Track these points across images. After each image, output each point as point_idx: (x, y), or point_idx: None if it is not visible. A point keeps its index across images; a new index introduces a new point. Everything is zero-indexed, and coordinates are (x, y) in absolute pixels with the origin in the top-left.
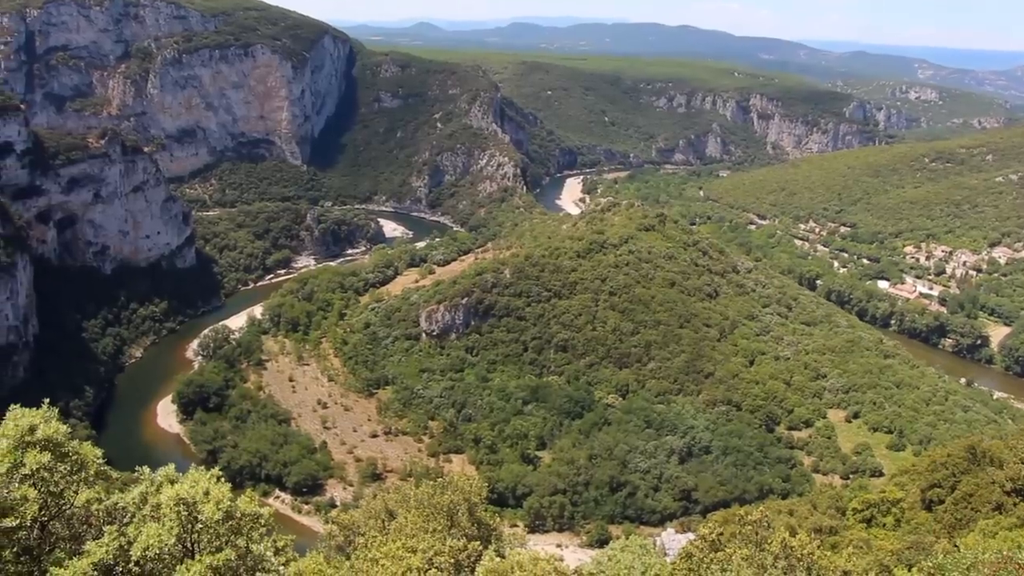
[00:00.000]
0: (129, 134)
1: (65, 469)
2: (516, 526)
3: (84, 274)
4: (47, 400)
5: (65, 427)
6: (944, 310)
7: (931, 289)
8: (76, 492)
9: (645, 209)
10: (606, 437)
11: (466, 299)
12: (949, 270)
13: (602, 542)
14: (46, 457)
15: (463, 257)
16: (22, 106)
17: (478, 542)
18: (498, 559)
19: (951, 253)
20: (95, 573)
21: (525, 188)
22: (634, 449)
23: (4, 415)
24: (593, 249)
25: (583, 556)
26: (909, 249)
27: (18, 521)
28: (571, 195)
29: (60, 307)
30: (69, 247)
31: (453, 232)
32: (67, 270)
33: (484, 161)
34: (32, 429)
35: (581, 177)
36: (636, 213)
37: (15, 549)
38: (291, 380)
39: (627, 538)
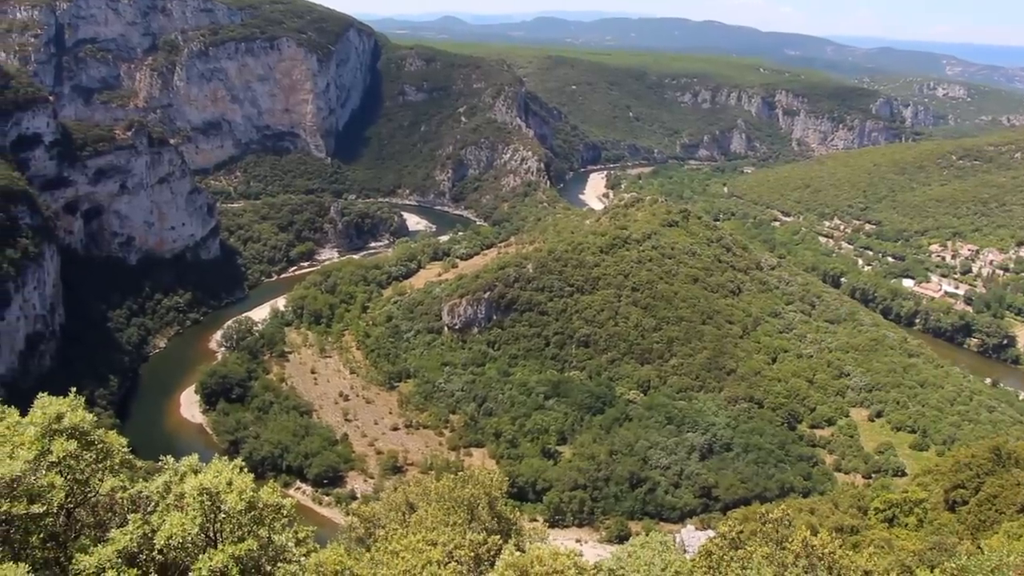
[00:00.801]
0: (155, 126)
1: (91, 457)
2: (536, 521)
3: (110, 264)
4: (74, 389)
5: (91, 416)
6: (970, 309)
7: (957, 288)
8: (101, 480)
9: (669, 205)
10: (627, 433)
11: (488, 293)
12: (975, 269)
13: (622, 538)
14: (73, 445)
15: (486, 251)
16: (51, 98)
17: (498, 536)
18: (518, 553)
19: (978, 252)
20: (119, 560)
21: (549, 183)
22: (655, 445)
23: (32, 403)
24: (616, 244)
25: (603, 552)
26: (935, 247)
27: (45, 507)
28: (595, 190)
29: (86, 297)
30: (95, 238)
31: (476, 226)
32: (93, 260)
33: (508, 155)
34: (59, 417)
35: (605, 172)
36: (660, 209)
37: (42, 535)
38: (313, 372)
39: (647, 534)
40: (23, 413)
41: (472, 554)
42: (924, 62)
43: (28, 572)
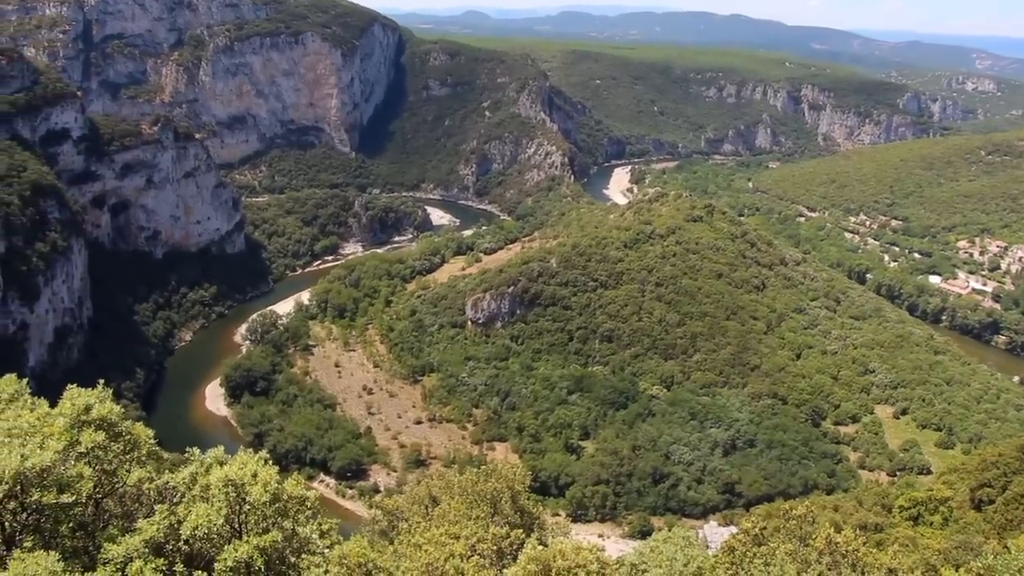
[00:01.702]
0: (181, 121)
1: (119, 448)
2: (558, 515)
3: (136, 258)
4: (101, 381)
5: (118, 408)
6: (998, 306)
7: (984, 285)
8: (129, 471)
9: (693, 200)
10: (650, 428)
11: (512, 288)
12: (1004, 265)
13: (644, 533)
14: (101, 436)
15: (510, 246)
16: (79, 93)
17: (521, 530)
18: (540, 547)
19: (1006, 248)
20: (146, 550)
21: (573, 177)
22: (678, 441)
23: (61, 395)
24: (640, 239)
25: (625, 547)
26: (962, 244)
27: (74, 497)
28: (619, 185)
29: (113, 291)
30: (122, 232)
31: (500, 221)
32: (120, 254)
33: (532, 150)
34: (88, 409)
35: (629, 167)
36: (684, 204)
37: (71, 524)
38: (337, 366)
39: (669, 530)
40: (52, 404)
41: (495, 548)
42: (953, 56)
43: (58, 560)
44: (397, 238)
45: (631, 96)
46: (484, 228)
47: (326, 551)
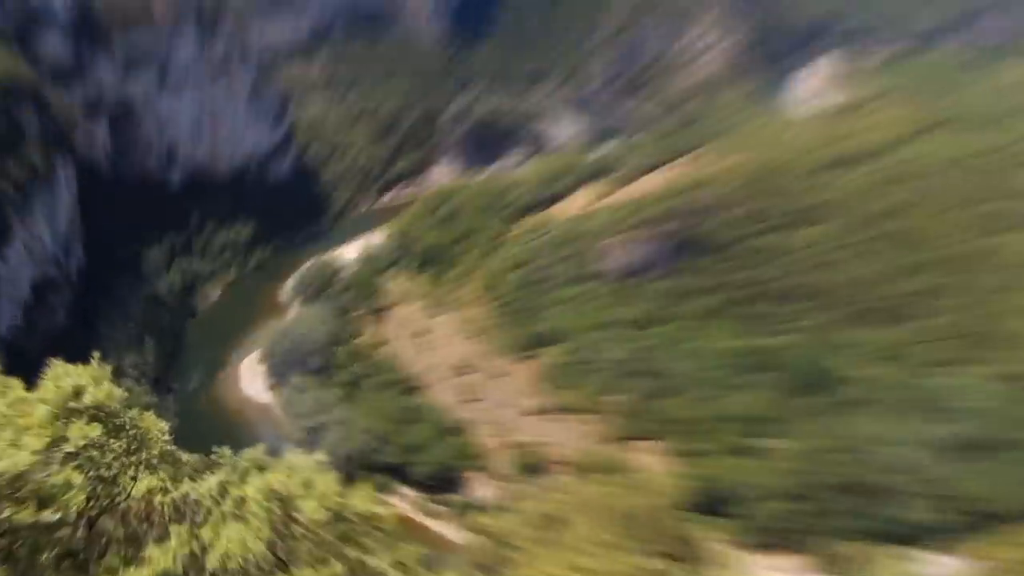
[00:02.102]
0: None
1: (120, 447)
2: (727, 542)
3: (145, 187)
4: (97, 354)
5: (120, 391)
6: None
7: None
8: (134, 479)
9: (924, 103)
10: (857, 423)
11: (664, 228)
12: None
13: (850, 567)
14: (96, 430)
15: (660, 170)
16: None
17: (674, 562)
18: None
19: None
20: None
21: (749, 75)
22: (896, 441)
23: (41, 373)
24: (844, 161)
25: None
26: None
27: (60, 514)
28: (815, 84)
29: (113, 231)
30: (126, 151)
31: (647, 134)
32: (122, 182)
33: (692, 36)
34: (78, 393)
35: (831, 59)
36: (910, 110)
37: (56, 551)
38: (421, 335)
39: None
40: (29, 387)
41: None
42: None
43: None
44: (503, 160)
45: None
46: (625, 145)
47: None
